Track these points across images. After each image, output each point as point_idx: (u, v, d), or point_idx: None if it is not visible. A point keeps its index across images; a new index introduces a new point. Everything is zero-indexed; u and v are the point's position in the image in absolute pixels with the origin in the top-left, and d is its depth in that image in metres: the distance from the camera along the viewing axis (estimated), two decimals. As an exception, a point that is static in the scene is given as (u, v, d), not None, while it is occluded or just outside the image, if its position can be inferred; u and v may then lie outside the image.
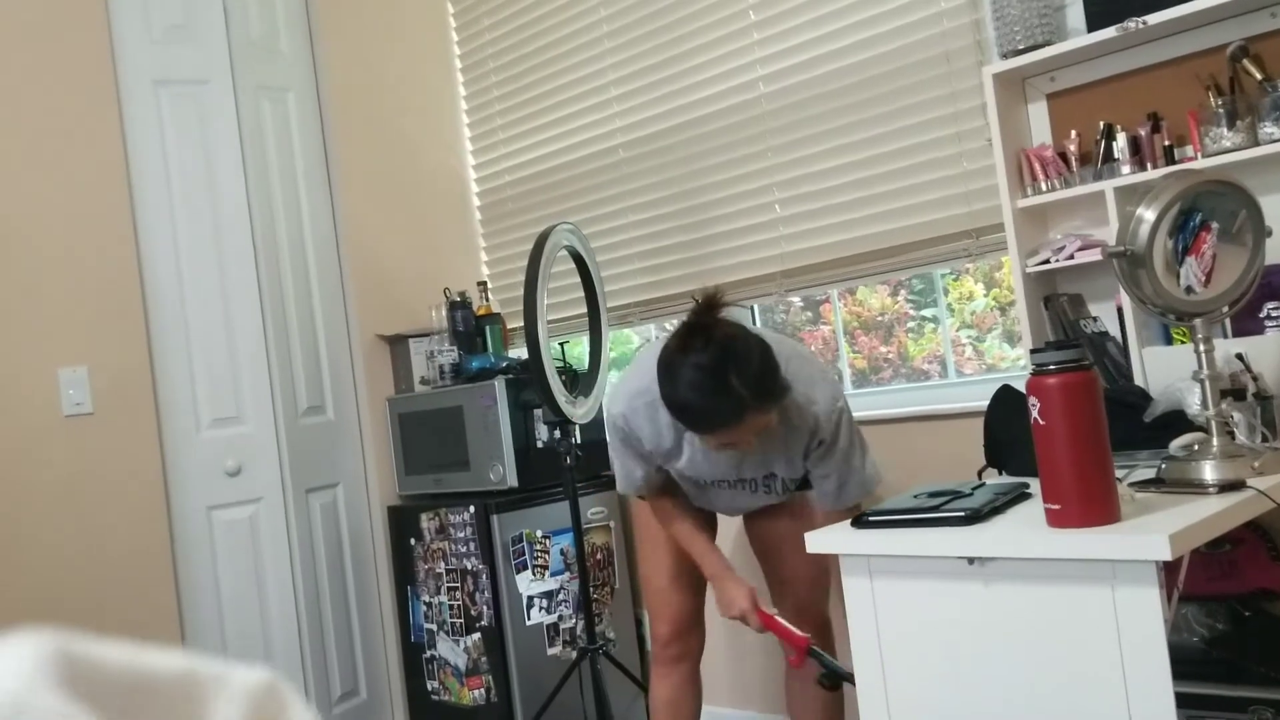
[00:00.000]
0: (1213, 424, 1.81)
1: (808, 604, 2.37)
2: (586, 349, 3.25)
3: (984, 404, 2.26)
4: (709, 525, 2.41)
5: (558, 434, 2.94)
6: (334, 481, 3.43)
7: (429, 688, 3.30)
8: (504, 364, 3.29)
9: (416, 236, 3.66)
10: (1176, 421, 1.96)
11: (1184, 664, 1.79)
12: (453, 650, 3.21)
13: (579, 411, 2.92)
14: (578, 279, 3.32)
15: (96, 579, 2.93)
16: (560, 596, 3.18)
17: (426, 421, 3.35)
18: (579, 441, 2.95)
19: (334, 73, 3.51)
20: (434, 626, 3.27)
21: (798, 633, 2.16)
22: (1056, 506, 1.54)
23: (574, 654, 3.11)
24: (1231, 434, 1.85)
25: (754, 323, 3.27)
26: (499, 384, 3.16)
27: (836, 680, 2.14)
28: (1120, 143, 2.31)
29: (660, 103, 3.26)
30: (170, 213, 3.16)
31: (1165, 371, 2.14)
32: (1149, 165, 2.27)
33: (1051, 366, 1.55)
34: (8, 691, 0.33)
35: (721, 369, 1.85)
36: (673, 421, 2.04)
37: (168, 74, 3.18)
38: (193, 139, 3.20)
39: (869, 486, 2.18)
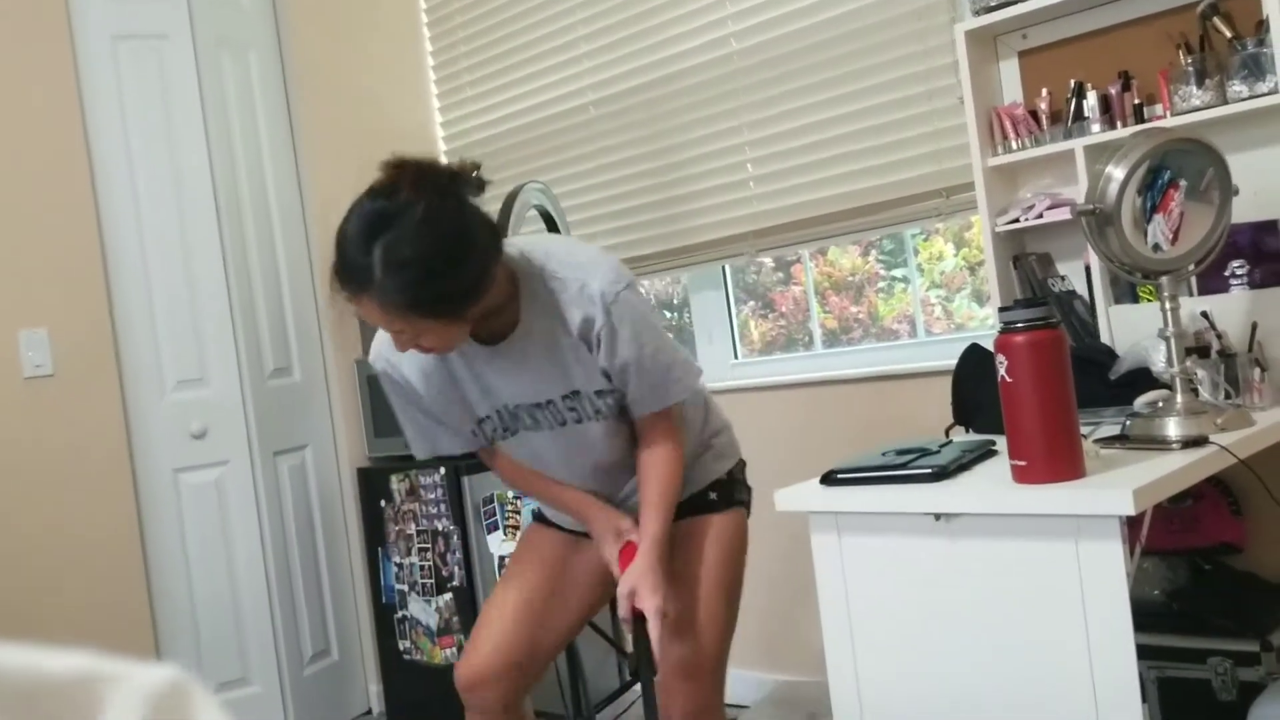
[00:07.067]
0: (1177, 381, 1.83)
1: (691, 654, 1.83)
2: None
3: (952, 363, 2.27)
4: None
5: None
6: (302, 444, 3.40)
7: (401, 647, 3.31)
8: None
9: (384, 196, 3.60)
10: (1141, 379, 1.98)
11: (1145, 616, 1.81)
12: (424, 610, 3.22)
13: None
14: (547, 239, 3.30)
15: (60, 543, 2.89)
16: (531, 557, 3.19)
17: (395, 383, 3.33)
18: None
19: (297, 28, 3.44)
20: (405, 587, 3.27)
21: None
22: (1022, 463, 1.55)
23: (545, 613, 3.12)
24: (1195, 391, 1.86)
25: (725, 282, 3.26)
26: (468, 345, 3.13)
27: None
28: (1090, 101, 2.30)
29: (631, 59, 3.22)
30: (130, 171, 3.09)
31: (1131, 330, 2.16)
32: (1119, 123, 2.27)
33: (1019, 324, 1.55)
34: None
35: (376, 227, 1.47)
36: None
37: (126, 28, 3.10)
38: (152, 95, 3.12)
39: (691, 376, 1.77)
